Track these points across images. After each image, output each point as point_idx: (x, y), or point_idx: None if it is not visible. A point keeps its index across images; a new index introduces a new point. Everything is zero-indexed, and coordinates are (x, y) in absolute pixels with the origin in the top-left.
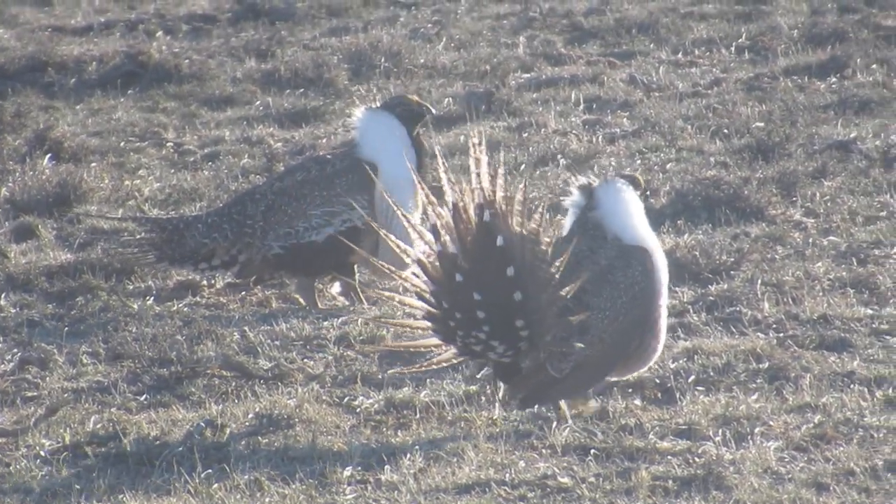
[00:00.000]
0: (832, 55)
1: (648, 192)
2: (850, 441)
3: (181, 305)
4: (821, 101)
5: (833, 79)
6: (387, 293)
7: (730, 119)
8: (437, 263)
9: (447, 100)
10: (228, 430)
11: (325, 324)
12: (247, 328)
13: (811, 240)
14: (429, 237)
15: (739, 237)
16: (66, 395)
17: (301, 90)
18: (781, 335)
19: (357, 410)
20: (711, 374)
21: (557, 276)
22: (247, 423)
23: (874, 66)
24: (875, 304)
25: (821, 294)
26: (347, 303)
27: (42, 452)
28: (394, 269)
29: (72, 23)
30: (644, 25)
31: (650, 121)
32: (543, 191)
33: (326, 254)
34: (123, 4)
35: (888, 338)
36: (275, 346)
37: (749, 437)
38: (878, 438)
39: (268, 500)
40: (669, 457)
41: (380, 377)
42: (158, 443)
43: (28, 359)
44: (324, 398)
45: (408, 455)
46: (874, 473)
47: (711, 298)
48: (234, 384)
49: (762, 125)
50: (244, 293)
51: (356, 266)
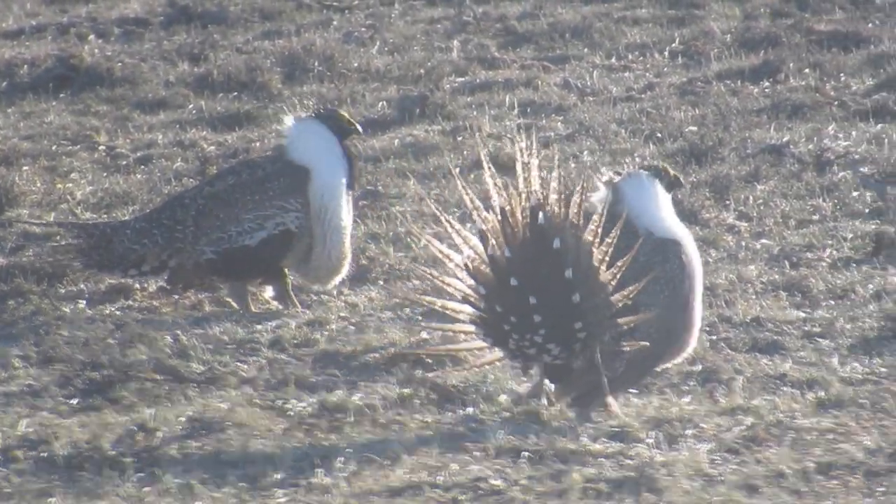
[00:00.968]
0: (765, 60)
1: (680, 178)
2: (782, 443)
3: (113, 309)
4: (754, 106)
5: (766, 83)
6: (427, 299)
7: (663, 123)
8: (488, 268)
9: (381, 104)
10: (160, 434)
11: (258, 327)
12: (179, 332)
13: (744, 243)
14: (474, 241)
15: None
16: None
17: (234, 94)
18: (714, 338)
19: (290, 414)
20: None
21: (616, 278)
22: (179, 427)
23: (807, 71)
24: (807, 307)
25: (753, 297)
26: (281, 307)
27: None
28: (436, 275)
29: (3, 26)
30: (578, 30)
31: (584, 125)
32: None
33: (260, 258)
34: (55, 8)
35: (820, 340)
36: (207, 350)
37: (681, 440)
38: (810, 441)
39: None
40: (602, 459)
41: (313, 380)
42: (89, 447)
43: None
44: (256, 402)
45: (340, 458)
46: (805, 475)
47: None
48: (167, 388)
49: (695, 129)
50: (177, 297)
51: (287, 270)
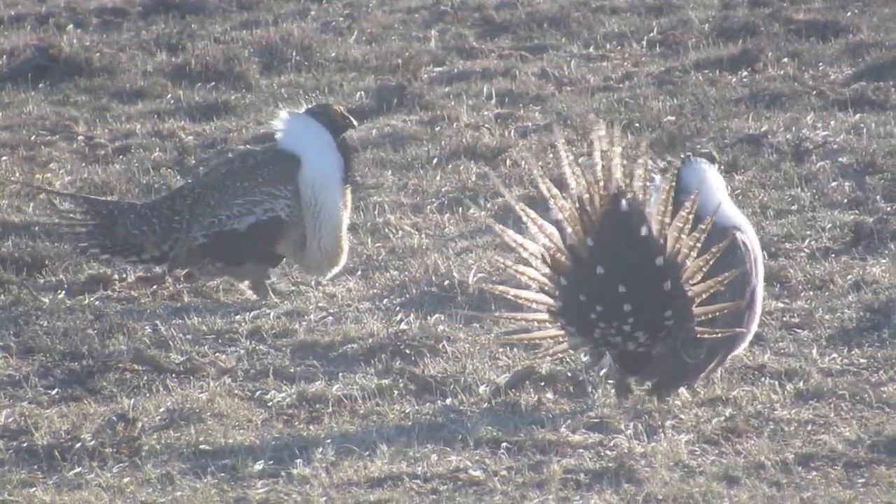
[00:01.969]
0: (743, 49)
1: (723, 167)
2: (761, 434)
3: (93, 299)
4: (732, 95)
5: (744, 72)
6: (500, 288)
7: (641, 113)
8: (567, 257)
9: (359, 93)
10: (140, 425)
11: (237, 318)
12: (158, 322)
13: None
14: (550, 230)
15: None
16: None
17: (212, 84)
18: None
19: (269, 404)
20: None
21: (707, 265)
22: (158, 418)
23: (785, 60)
24: (786, 298)
25: None
26: (257, 297)
27: None
28: (510, 265)
29: None
30: (555, 19)
31: (562, 115)
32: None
33: (249, 243)
34: None
35: (799, 331)
36: (186, 340)
37: (660, 431)
38: (789, 432)
39: (179, 494)
40: (581, 450)
41: (292, 371)
42: (70, 437)
43: None
44: (236, 392)
45: (319, 449)
46: (785, 467)
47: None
48: (146, 378)
49: (673, 119)
50: (156, 287)
51: (284, 259)
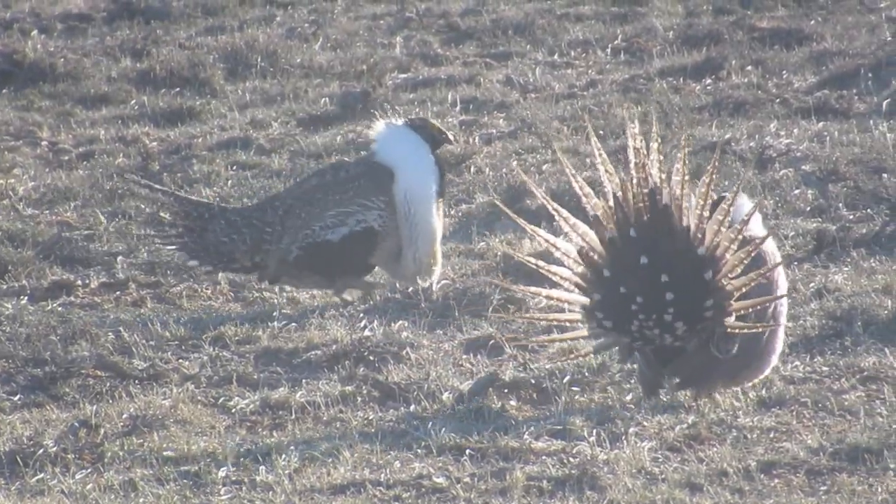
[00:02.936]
0: (707, 56)
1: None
2: (724, 442)
3: (55, 305)
4: (696, 103)
5: (708, 80)
6: (533, 289)
7: (605, 120)
8: (606, 251)
9: (324, 100)
10: (103, 431)
11: (201, 324)
12: (122, 328)
13: None
14: (583, 228)
15: None
16: None
17: (176, 89)
18: None
19: (232, 411)
20: (587, 375)
21: (749, 258)
22: (121, 424)
23: (749, 68)
24: None
25: None
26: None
27: None
28: (542, 265)
29: None
30: (520, 26)
31: (526, 122)
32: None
33: (343, 254)
34: None
35: None
36: (150, 347)
37: (623, 438)
38: (751, 439)
39: (142, 501)
40: (544, 457)
41: (255, 377)
42: (32, 443)
43: None
44: (199, 398)
45: (283, 455)
46: (747, 474)
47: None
48: (109, 384)
49: (637, 127)
50: (119, 293)
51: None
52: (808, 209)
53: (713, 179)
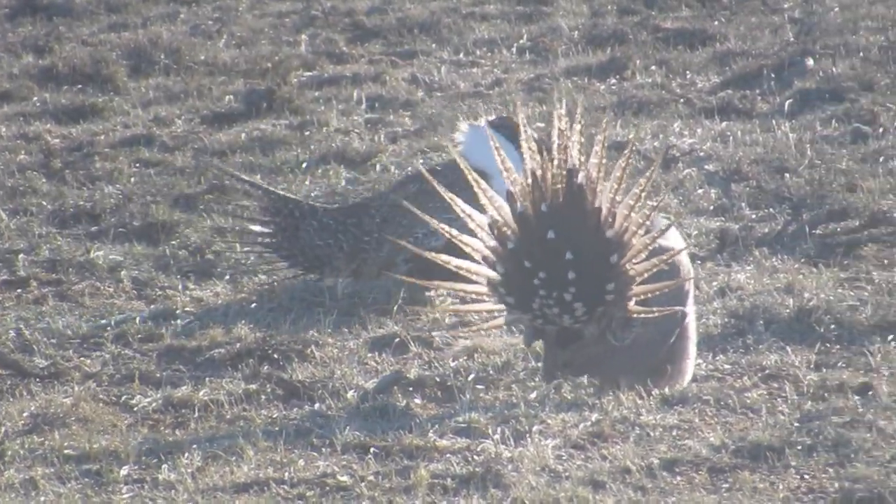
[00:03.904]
0: (612, 56)
1: None
2: (627, 439)
3: None
4: (600, 102)
5: (612, 80)
6: (443, 257)
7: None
8: (517, 224)
9: (228, 97)
10: (3, 429)
11: (103, 322)
12: (22, 325)
13: None
14: (500, 202)
15: None
16: None
17: (79, 86)
18: None
19: (134, 409)
20: (491, 373)
21: (653, 243)
22: (22, 422)
23: (653, 68)
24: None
25: None
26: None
27: None
28: (456, 234)
29: None
30: (426, 25)
31: (432, 120)
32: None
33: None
34: None
35: None
36: (51, 345)
37: (527, 435)
38: (654, 437)
39: (43, 500)
40: (449, 455)
41: (158, 376)
42: None
43: None
44: (101, 397)
45: (185, 454)
46: (650, 471)
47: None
48: (9, 382)
49: (543, 125)
50: (20, 291)
51: None
52: (712, 208)
53: (629, 164)
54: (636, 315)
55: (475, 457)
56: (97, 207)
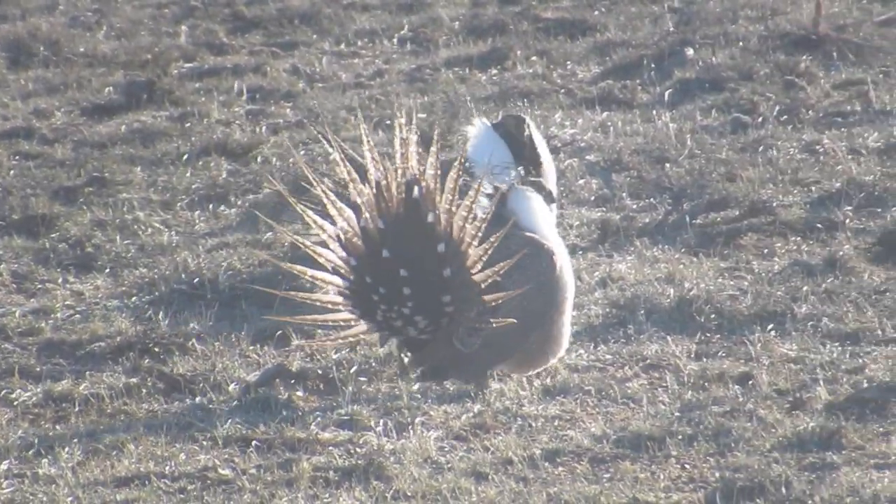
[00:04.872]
0: (493, 47)
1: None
2: (509, 430)
3: None
4: (482, 93)
5: (494, 70)
6: (298, 268)
7: (392, 110)
8: (360, 239)
9: (108, 89)
10: None
11: None
12: None
13: None
14: (348, 213)
15: None
16: None
17: None
18: None
19: (14, 403)
20: (374, 365)
21: (486, 255)
22: None
23: (534, 58)
24: None
25: None
26: None
27: None
28: (308, 244)
29: None
30: (306, 16)
31: (313, 111)
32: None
33: None
34: None
35: None
36: None
37: (410, 427)
38: (536, 427)
39: None
40: (331, 447)
41: (38, 370)
42: None
43: None
44: None
45: (66, 448)
46: (532, 462)
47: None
48: None
49: (424, 116)
50: None
51: None
52: (593, 199)
53: (460, 175)
54: (493, 324)
55: (358, 449)
56: None
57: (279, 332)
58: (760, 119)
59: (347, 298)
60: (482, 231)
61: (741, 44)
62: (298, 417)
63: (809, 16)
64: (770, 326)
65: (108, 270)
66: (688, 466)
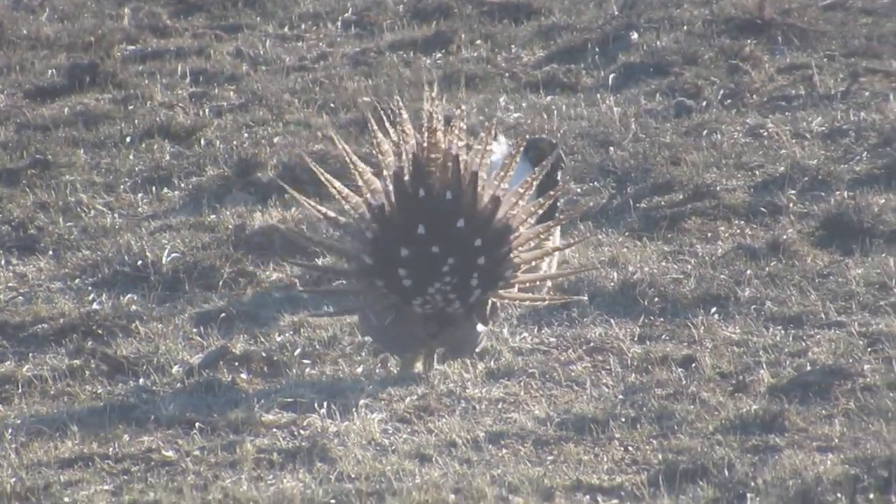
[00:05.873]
0: (437, 30)
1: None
2: (453, 413)
3: None
4: (426, 77)
5: (438, 54)
6: (317, 239)
7: (336, 93)
8: (391, 211)
9: (51, 71)
10: None
11: None
12: None
13: None
14: (376, 185)
15: None
16: None
17: None
18: None
19: None
20: (318, 347)
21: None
22: None
23: (478, 42)
24: None
25: None
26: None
27: None
28: (332, 215)
29: None
30: None
31: (257, 94)
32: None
33: None
34: None
35: None
36: None
37: (354, 410)
38: (480, 410)
39: None
40: (275, 429)
41: None
42: None
43: None
44: None
45: (9, 430)
46: (476, 444)
47: (318, 273)
48: None
49: (368, 100)
50: None
51: None
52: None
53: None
54: (524, 301)
55: (301, 431)
56: None
57: (223, 315)
58: (705, 103)
59: (371, 270)
60: (535, 214)
61: (686, 28)
62: (242, 400)
63: (754, 0)
64: (713, 310)
65: (51, 252)
66: (631, 449)
